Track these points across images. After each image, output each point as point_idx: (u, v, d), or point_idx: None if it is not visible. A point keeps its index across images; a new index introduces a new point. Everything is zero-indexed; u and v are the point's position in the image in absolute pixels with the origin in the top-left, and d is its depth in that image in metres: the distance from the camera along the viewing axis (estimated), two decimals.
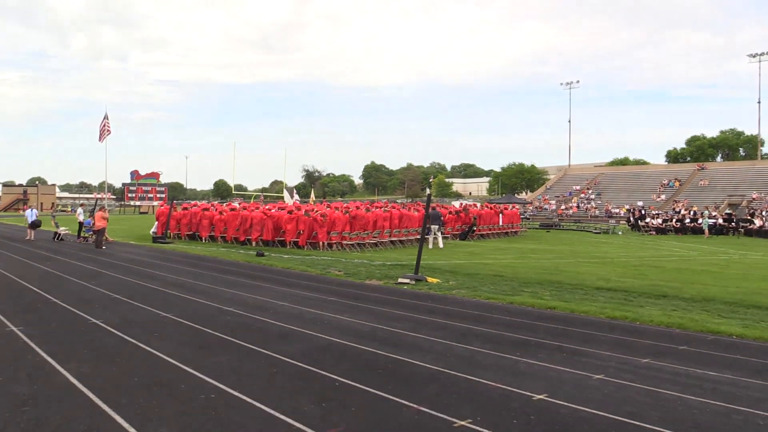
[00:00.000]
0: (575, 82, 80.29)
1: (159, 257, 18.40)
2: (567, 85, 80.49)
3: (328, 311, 9.34)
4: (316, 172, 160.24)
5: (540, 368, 6.21)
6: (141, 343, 6.97)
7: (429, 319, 8.92)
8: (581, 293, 11.68)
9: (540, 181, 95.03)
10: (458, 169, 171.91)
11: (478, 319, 8.95)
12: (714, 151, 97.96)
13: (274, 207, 25.81)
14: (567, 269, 15.99)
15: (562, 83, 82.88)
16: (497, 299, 10.83)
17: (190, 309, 9.38)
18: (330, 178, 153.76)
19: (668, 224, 38.88)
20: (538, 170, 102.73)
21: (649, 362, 6.58)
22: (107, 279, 13.03)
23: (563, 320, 9.01)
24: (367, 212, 22.92)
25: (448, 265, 16.39)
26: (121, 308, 9.37)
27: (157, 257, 18.40)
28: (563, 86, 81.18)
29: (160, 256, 18.67)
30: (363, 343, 7.18)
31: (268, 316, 8.81)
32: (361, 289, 12.17)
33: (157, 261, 17.18)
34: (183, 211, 26.75)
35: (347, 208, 23.06)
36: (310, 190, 72.87)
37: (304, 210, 23.12)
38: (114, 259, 17.48)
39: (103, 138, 38.32)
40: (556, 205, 61.95)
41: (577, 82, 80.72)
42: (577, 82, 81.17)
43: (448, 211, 28.91)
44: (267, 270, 15.38)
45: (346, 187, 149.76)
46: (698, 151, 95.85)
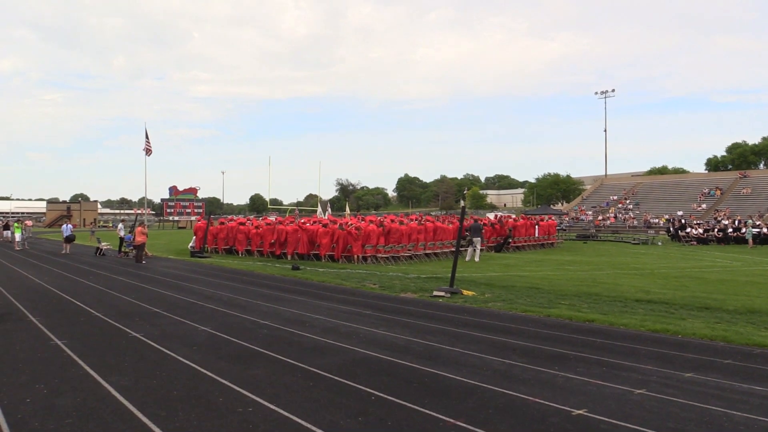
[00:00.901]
0: (610, 91, 79.38)
1: (197, 271, 18.69)
2: (602, 94, 79.59)
3: (364, 324, 9.34)
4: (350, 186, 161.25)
5: (579, 382, 6.10)
6: (180, 357, 7.07)
7: (465, 332, 8.85)
8: (620, 305, 11.44)
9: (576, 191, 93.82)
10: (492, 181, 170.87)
11: (515, 333, 8.85)
12: (756, 158, 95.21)
13: (309, 221, 26.01)
14: (605, 281, 15.70)
15: (597, 92, 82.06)
16: (534, 312, 10.69)
17: (227, 322, 9.49)
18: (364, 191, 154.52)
19: (710, 234, 37.92)
20: (573, 180, 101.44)
21: (693, 376, 6.40)
22: (147, 293, 13.28)
23: (602, 333, 8.84)
24: (401, 225, 22.92)
25: (484, 278, 16.26)
26: (160, 322, 9.53)
27: (194, 271, 18.69)
28: (598, 95, 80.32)
29: (198, 270, 18.96)
30: (398, 356, 7.16)
31: (304, 330, 8.85)
32: (395, 302, 12.15)
33: (194, 275, 17.45)
34: (220, 225, 27.15)
35: (381, 221, 23.10)
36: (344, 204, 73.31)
37: (338, 224, 23.24)
38: (153, 274, 17.82)
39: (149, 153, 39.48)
40: (593, 216, 61.02)
41: (612, 91, 79.54)
42: (612, 91, 79.89)
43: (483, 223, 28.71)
44: (302, 283, 15.48)
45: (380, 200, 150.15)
46: (740, 158, 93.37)
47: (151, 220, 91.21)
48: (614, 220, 58.22)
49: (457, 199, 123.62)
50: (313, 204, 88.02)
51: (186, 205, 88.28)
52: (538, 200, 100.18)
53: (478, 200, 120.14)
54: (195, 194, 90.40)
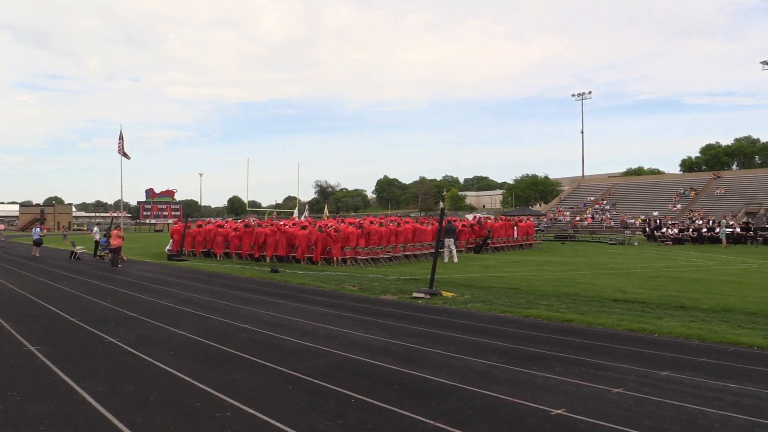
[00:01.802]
0: (587, 93, 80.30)
1: (174, 275, 18.51)
2: (579, 96, 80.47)
3: (343, 327, 9.32)
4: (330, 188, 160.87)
5: (557, 382, 6.15)
6: (157, 362, 6.99)
7: (444, 333, 8.87)
8: (598, 305, 11.56)
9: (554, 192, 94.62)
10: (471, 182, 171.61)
11: (494, 333, 8.89)
12: (729, 159, 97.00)
13: (289, 223, 25.89)
14: (583, 281, 15.86)
15: (573, 95, 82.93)
16: (513, 312, 10.76)
17: (205, 326, 9.41)
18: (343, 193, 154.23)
19: (685, 234, 38.50)
20: (551, 182, 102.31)
21: (669, 375, 6.48)
22: (123, 297, 13.11)
23: (580, 333, 8.92)
24: (381, 227, 22.93)
25: (463, 279, 16.32)
26: (137, 326, 9.41)
27: (172, 275, 18.50)
28: (575, 98, 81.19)
29: (176, 274, 18.78)
30: (378, 358, 7.15)
31: (283, 333, 8.81)
32: (375, 304, 12.15)
33: (172, 278, 17.27)
34: (197, 228, 26.93)
35: (361, 223, 23.09)
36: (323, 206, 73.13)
37: (318, 225, 23.17)
38: (129, 278, 17.60)
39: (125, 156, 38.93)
40: (570, 217, 61.63)
41: (589, 93, 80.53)
42: (589, 93, 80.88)
43: (461, 223, 28.83)
44: (281, 286, 15.40)
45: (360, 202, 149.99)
46: (713, 159, 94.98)
47: (128, 223, 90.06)
48: (591, 220, 58.86)
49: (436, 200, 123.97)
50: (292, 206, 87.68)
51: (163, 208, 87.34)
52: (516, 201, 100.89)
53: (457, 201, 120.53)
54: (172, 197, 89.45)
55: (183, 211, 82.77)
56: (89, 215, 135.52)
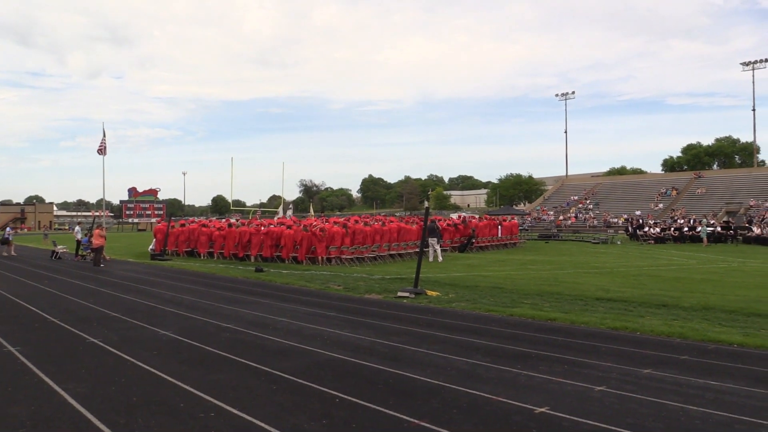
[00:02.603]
0: (570, 94, 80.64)
1: (157, 274, 18.36)
2: (562, 96, 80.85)
3: (328, 326, 9.31)
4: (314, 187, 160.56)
5: (541, 381, 6.18)
6: (139, 362, 6.93)
7: (429, 332, 8.89)
8: (581, 304, 11.65)
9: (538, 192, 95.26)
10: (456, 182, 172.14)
11: (478, 332, 8.93)
12: (710, 159, 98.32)
13: (275, 222, 25.79)
14: (566, 280, 15.96)
15: (557, 95, 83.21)
16: (497, 311, 10.80)
17: (188, 326, 9.35)
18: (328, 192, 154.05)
19: (666, 233, 38.89)
20: (535, 181, 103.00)
21: (651, 373, 6.55)
22: (105, 297, 12.99)
23: (563, 332, 8.99)
24: (366, 226, 22.91)
25: (448, 278, 16.37)
26: (119, 326, 9.33)
27: (155, 274, 18.36)
28: (559, 98, 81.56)
29: (159, 274, 18.63)
30: (363, 358, 7.15)
31: (268, 333, 8.78)
32: (360, 303, 12.14)
33: (155, 278, 17.14)
34: (181, 227, 26.73)
35: (345, 222, 23.06)
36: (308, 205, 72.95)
37: (302, 225, 23.10)
38: (112, 277, 17.44)
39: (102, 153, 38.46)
40: (554, 216, 62.00)
41: (573, 93, 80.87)
42: (573, 93, 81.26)
43: (446, 223, 28.90)
44: (266, 286, 15.35)
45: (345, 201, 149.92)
46: (695, 159, 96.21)
47: (110, 223, 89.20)
48: (575, 219, 59.26)
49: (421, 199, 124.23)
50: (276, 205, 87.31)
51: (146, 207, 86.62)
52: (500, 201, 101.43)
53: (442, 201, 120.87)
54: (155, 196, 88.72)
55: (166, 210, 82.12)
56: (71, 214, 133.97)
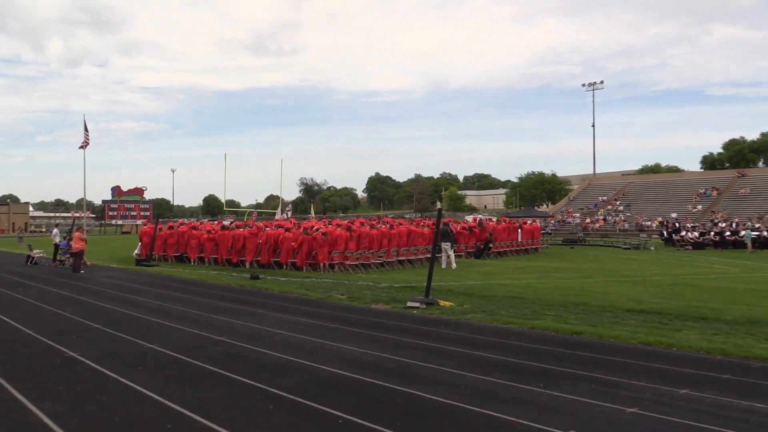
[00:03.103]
0: (599, 83, 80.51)
1: (143, 282, 18.43)
2: (590, 86, 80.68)
3: (330, 339, 9.30)
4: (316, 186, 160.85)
5: (566, 401, 6.15)
6: (123, 378, 6.94)
7: (441, 347, 8.87)
8: (610, 316, 11.60)
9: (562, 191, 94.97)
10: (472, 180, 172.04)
11: (496, 347, 8.90)
12: (755, 155, 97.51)
13: (272, 225, 25.85)
14: (594, 289, 15.91)
15: (584, 84, 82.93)
16: (517, 324, 10.77)
17: (177, 339, 9.37)
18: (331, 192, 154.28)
19: (706, 238, 38.70)
20: (559, 180, 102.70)
21: (688, 393, 6.50)
22: (85, 306, 13.04)
23: (591, 347, 8.95)
24: (372, 229, 22.92)
25: (462, 287, 16.34)
26: (100, 339, 9.36)
27: (140, 282, 18.42)
28: (586, 88, 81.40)
29: (145, 281, 18.70)
30: (368, 374, 7.14)
31: (264, 346, 8.78)
32: (366, 314, 12.14)
33: (140, 286, 17.20)
34: (169, 230, 26.82)
35: (350, 225, 23.07)
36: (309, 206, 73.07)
37: (302, 227, 23.14)
38: (93, 285, 17.51)
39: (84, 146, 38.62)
40: (580, 219, 61.83)
41: (601, 83, 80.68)
42: (601, 82, 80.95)
43: (460, 226, 28.87)
44: (262, 294, 15.37)
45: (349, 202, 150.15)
46: (737, 156, 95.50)
47: (91, 225, 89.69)
48: (603, 222, 59.07)
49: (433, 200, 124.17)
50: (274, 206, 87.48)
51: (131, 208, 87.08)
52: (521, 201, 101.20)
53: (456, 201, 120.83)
54: (141, 195, 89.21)
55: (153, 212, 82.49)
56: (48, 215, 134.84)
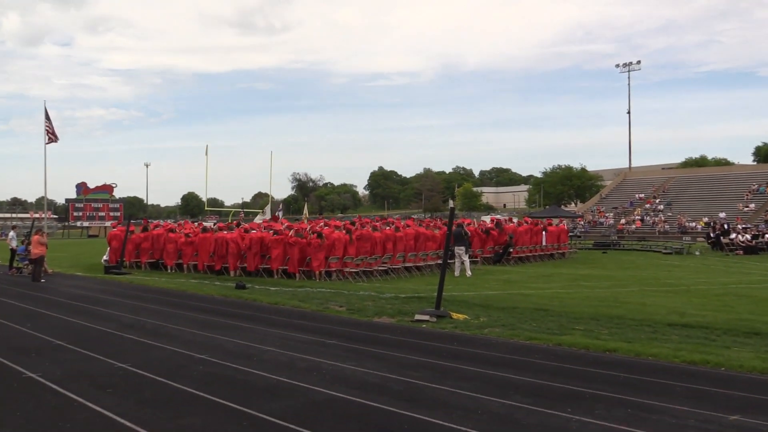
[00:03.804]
0: (635, 64, 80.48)
1: (113, 292, 18.47)
2: (625, 67, 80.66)
3: (327, 358, 9.31)
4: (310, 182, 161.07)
5: (597, 428, 6.15)
6: (90, 402, 6.95)
7: (455, 366, 8.87)
8: (649, 331, 11.59)
9: (593, 188, 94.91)
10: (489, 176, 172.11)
11: (517, 366, 8.90)
12: None
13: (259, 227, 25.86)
14: (630, 300, 15.89)
15: (618, 65, 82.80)
16: (541, 340, 10.77)
17: (152, 357, 9.39)
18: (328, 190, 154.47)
19: (759, 241, 38.60)
20: (590, 175, 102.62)
21: (739, 419, 6.49)
22: (47, 321, 13.08)
23: (626, 366, 8.93)
24: (375, 231, 22.91)
25: (478, 297, 16.33)
26: (64, 358, 9.38)
27: (110, 292, 18.46)
28: (620, 69, 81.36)
29: (115, 291, 18.74)
30: (371, 397, 7.15)
31: (252, 365, 8.79)
32: (368, 328, 12.16)
33: (110, 297, 17.24)
34: (143, 233, 26.86)
35: (349, 226, 23.06)
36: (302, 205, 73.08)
37: (294, 229, 23.12)
38: (55, 296, 17.55)
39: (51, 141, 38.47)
40: (614, 219, 61.79)
41: (638, 63, 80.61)
42: (638, 63, 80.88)
43: (476, 227, 28.84)
44: (249, 306, 15.40)
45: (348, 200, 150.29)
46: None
47: (53, 227, 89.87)
48: (641, 224, 59.01)
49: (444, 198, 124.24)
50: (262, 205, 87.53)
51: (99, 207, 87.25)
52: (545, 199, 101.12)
53: (471, 200, 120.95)
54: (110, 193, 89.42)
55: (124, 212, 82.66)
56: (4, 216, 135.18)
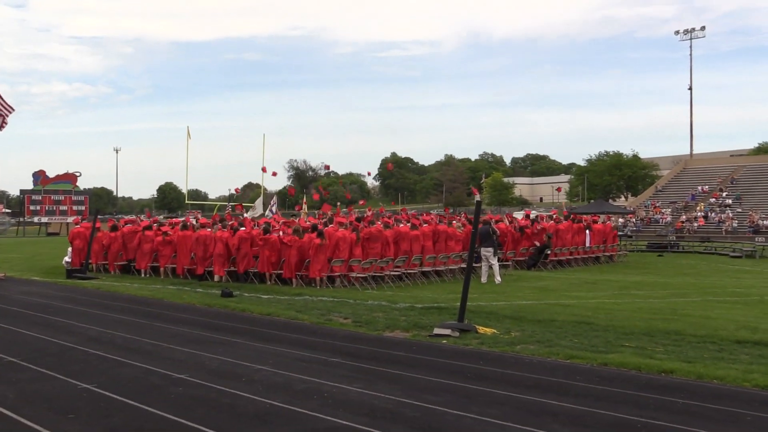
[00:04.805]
0: (698, 30, 79.90)
1: (76, 300, 18.54)
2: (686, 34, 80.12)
3: (330, 379, 9.32)
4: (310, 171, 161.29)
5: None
6: (48, 430, 6.98)
7: (481, 389, 8.87)
8: (713, 349, 11.53)
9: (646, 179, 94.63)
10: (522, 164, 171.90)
11: (556, 389, 8.88)
12: None
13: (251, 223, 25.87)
14: (690, 312, 15.82)
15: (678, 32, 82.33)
16: (583, 359, 10.74)
17: (123, 377, 9.41)
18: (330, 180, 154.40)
19: None
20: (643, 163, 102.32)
21: None
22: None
23: (686, 390, 8.90)
24: (387, 228, 22.88)
25: (509, 308, 16.30)
26: (18, 377, 9.42)
27: (73, 300, 18.54)
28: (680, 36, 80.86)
29: (78, 299, 18.81)
30: (383, 425, 7.15)
31: (240, 387, 8.81)
32: (378, 344, 12.16)
33: (73, 306, 17.31)
34: (112, 231, 26.89)
35: (355, 223, 23.02)
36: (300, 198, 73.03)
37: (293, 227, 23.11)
38: (8, 304, 17.63)
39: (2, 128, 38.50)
40: (672, 216, 61.53)
41: (702, 30, 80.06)
42: (702, 29, 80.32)
43: (509, 225, 28.79)
44: (237, 317, 15.43)
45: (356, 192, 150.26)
46: None
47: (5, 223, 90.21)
48: (704, 221, 58.73)
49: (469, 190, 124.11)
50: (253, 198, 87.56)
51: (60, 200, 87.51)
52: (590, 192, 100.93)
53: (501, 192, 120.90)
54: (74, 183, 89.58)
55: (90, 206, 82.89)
56: None
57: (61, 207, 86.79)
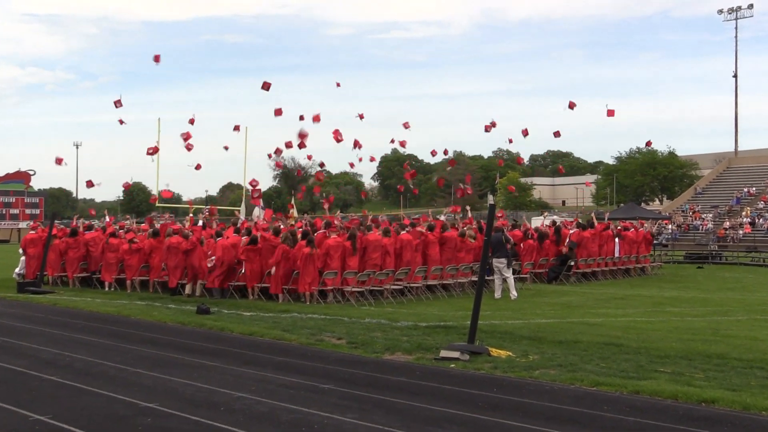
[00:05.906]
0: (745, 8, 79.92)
1: (29, 318, 18.56)
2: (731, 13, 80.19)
3: (320, 408, 9.32)
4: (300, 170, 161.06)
5: None
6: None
7: (494, 420, 8.88)
8: (761, 376, 11.53)
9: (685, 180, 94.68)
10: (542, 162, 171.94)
11: (580, 420, 8.90)
12: None
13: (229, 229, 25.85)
14: (735, 333, 15.84)
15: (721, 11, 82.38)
16: (612, 386, 10.74)
17: (81, 406, 9.42)
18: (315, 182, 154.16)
19: None
20: (680, 162, 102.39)
21: None
22: None
23: (730, 423, 8.91)
24: (386, 236, 22.88)
25: (527, 327, 16.32)
26: None
27: (25, 317, 18.56)
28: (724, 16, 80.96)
29: (32, 316, 18.83)
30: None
31: (218, 418, 8.81)
32: (376, 369, 12.17)
33: (25, 324, 17.33)
34: (71, 238, 26.89)
35: (352, 230, 23.01)
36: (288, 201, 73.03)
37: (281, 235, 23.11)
38: None
39: None
40: (713, 222, 61.55)
41: (750, 8, 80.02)
42: (750, 7, 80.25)
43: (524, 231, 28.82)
44: (215, 337, 15.44)
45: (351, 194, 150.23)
46: None
47: None
48: (750, 228, 58.75)
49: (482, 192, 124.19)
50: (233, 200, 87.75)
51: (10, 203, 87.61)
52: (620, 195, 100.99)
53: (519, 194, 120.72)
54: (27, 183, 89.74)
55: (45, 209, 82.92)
56: None
57: (11, 210, 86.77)
